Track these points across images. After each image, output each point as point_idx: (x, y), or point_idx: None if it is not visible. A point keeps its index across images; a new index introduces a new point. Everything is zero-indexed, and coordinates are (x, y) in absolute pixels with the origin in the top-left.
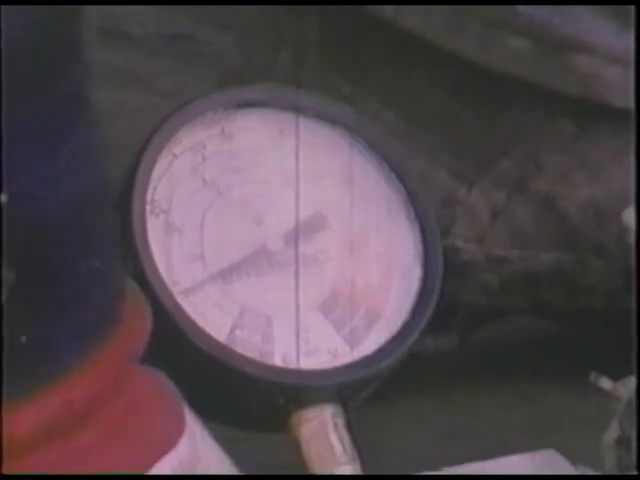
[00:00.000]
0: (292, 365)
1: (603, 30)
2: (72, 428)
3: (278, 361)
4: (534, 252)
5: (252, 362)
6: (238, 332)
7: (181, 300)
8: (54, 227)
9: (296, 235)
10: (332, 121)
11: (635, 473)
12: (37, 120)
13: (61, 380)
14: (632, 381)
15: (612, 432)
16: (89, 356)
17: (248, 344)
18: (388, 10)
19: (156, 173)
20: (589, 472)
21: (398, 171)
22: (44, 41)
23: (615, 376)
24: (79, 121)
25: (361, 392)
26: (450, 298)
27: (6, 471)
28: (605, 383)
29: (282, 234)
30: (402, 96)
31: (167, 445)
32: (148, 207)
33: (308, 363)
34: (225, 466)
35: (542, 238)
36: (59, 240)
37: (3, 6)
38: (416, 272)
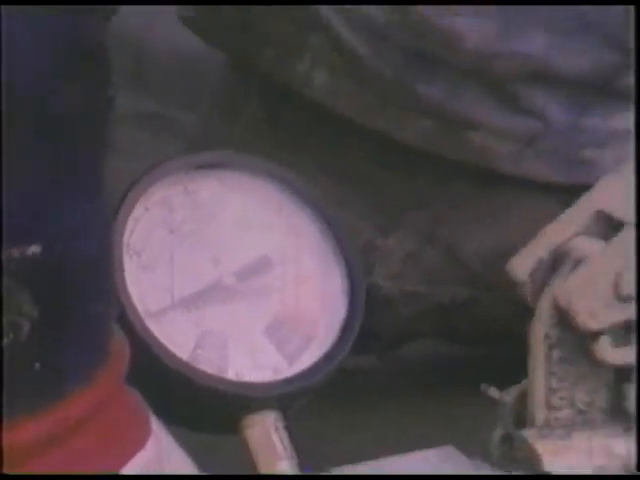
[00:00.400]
0: (243, 379)
1: (491, 111)
2: (65, 439)
3: (232, 375)
4: (440, 288)
5: (210, 376)
6: (200, 351)
7: (152, 325)
8: (73, 275)
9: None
10: (277, 181)
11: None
12: (61, 185)
13: (61, 401)
14: (514, 390)
15: (498, 431)
16: (87, 381)
17: (208, 361)
18: (321, 93)
19: (131, 222)
20: (482, 464)
21: (330, 223)
22: (79, 118)
23: (502, 386)
24: (96, 187)
25: (298, 401)
26: (372, 325)
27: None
28: (493, 392)
29: (234, 272)
30: (334, 164)
31: (136, 447)
32: (124, 249)
33: (255, 377)
34: (186, 464)
35: (446, 277)
36: (75, 286)
37: None
38: (343, 302)
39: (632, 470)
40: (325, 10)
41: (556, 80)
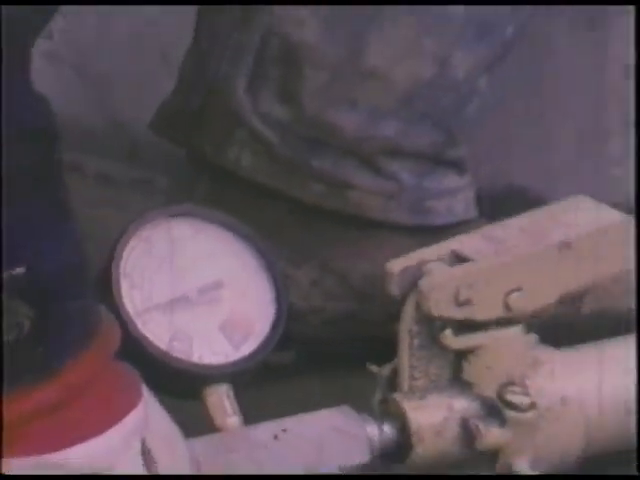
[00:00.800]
0: (204, 362)
1: (364, 176)
2: (69, 402)
3: (196, 359)
4: (337, 304)
5: (182, 361)
6: (174, 343)
7: (139, 322)
8: (53, 284)
9: None
10: (227, 225)
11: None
12: (34, 222)
13: (60, 373)
14: (388, 366)
15: (377, 395)
16: (78, 357)
17: (179, 349)
18: (247, 171)
19: (126, 253)
20: (367, 417)
21: (263, 253)
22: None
23: (381, 364)
24: (65, 221)
25: (243, 376)
26: (288, 332)
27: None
28: (374, 368)
29: (198, 288)
30: (259, 220)
31: (130, 407)
32: (121, 273)
33: (213, 360)
34: (167, 420)
35: (341, 296)
36: (56, 292)
37: None
38: (272, 309)
39: (469, 420)
40: (246, 113)
41: (404, 154)
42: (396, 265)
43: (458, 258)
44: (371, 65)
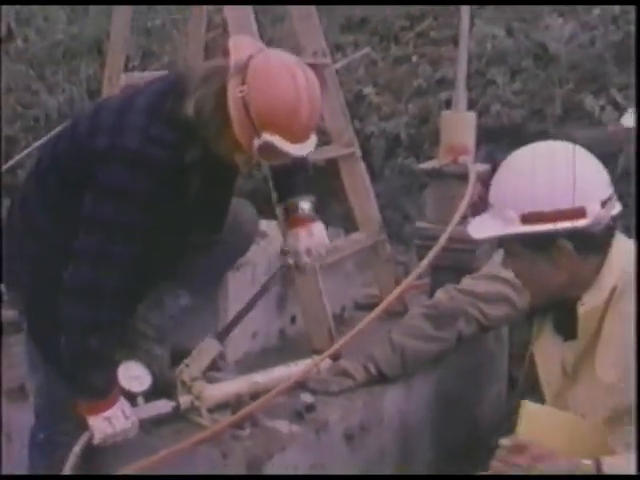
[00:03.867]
0: (135, 389)
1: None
2: (108, 399)
3: (132, 389)
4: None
5: (129, 390)
6: (126, 386)
7: (122, 380)
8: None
9: None
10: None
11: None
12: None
13: (110, 393)
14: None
15: (173, 397)
16: (114, 390)
17: (129, 388)
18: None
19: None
20: (168, 400)
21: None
22: None
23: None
24: None
25: (143, 397)
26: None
27: None
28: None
29: (132, 375)
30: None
31: (118, 398)
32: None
33: (137, 390)
34: (128, 405)
35: None
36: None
37: None
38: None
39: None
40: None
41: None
42: None
43: None
44: None
